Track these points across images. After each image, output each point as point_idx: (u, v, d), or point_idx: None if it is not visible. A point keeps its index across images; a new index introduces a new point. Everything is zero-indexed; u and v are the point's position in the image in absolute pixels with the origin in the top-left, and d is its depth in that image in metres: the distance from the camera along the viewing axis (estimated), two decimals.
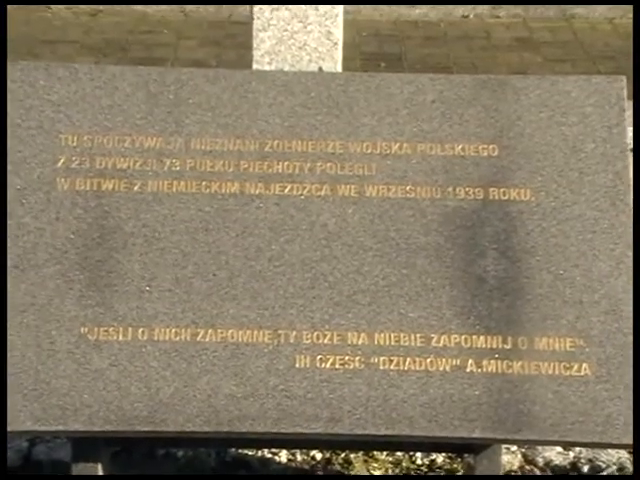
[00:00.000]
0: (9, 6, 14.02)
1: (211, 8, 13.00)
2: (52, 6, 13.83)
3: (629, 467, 5.55)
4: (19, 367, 4.92)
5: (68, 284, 5.01)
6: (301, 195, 5.19)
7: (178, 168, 5.24)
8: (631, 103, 5.87)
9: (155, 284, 5.07)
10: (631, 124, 6.00)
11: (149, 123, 5.33)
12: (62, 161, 5.23)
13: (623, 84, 5.47)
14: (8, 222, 5.17)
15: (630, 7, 13.96)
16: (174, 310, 5.03)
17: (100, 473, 5.13)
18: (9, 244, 5.14)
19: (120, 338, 4.99)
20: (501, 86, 5.63)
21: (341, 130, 5.30)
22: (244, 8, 6.36)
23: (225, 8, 11.54)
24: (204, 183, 5.21)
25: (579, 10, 13.99)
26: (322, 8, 6.15)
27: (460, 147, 5.28)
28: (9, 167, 5.24)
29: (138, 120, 5.34)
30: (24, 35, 12.90)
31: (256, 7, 6.13)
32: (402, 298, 5.04)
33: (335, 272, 5.08)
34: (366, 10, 10.71)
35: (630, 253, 5.16)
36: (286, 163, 5.25)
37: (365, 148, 5.28)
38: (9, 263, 5.06)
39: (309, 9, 6.13)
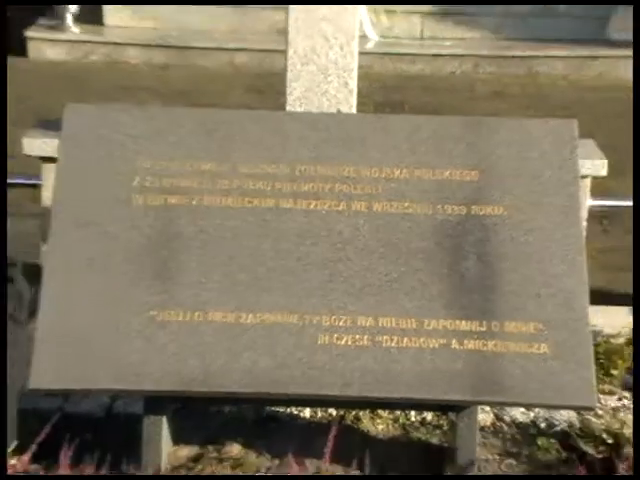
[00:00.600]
0: (98, 60, 14.23)
1: (255, 62, 13.00)
2: (131, 60, 13.78)
3: (577, 424, 5.64)
4: (102, 342, 4.97)
5: (139, 278, 5.10)
6: (322, 209, 5.28)
7: (227, 187, 5.33)
8: (583, 141, 5.90)
9: (208, 277, 5.16)
10: (584, 156, 6.03)
11: (205, 152, 5.42)
12: (137, 181, 5.32)
13: (575, 126, 5.54)
14: (91, 228, 5.24)
15: (580, 63, 14.08)
16: (223, 298, 5.11)
17: (165, 425, 5.18)
18: (91, 247, 5.20)
19: (180, 319, 5.06)
20: (480, 126, 5.70)
21: (354, 159, 5.38)
22: (280, 62, 6.36)
23: (266, 62, 11.55)
24: (247, 199, 5.30)
25: (542, 68, 13.98)
26: (341, 63, 6.19)
27: (448, 173, 5.35)
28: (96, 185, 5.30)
29: (196, 150, 5.42)
30: (109, 83, 12.87)
31: (289, 62, 6.17)
32: (401, 291, 5.12)
33: (348, 270, 5.16)
34: (376, 66, 10.74)
35: (580, 257, 5.23)
36: (311, 184, 5.32)
37: (373, 173, 5.36)
38: (81, 275, 5.10)
39: (330, 64, 6.17)
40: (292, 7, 6.17)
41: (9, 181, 6.67)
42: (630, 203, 8.25)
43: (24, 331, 1.63)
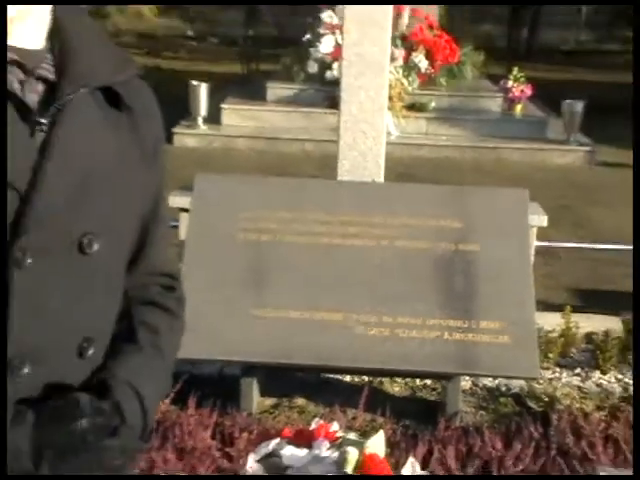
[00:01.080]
0: (218, 147, 14.37)
1: (318, 148, 12.98)
2: (239, 147, 13.84)
3: (525, 388, 5.64)
4: (219, 329, 5.01)
5: (243, 287, 5.13)
6: (362, 245, 5.31)
7: (299, 229, 5.41)
8: (531, 203, 5.90)
9: (287, 288, 5.21)
10: (532, 212, 6.03)
11: (285, 205, 5.49)
12: (240, 224, 5.35)
13: (526, 194, 5.62)
14: (211, 253, 5.30)
15: (530, 152, 14.15)
16: (296, 302, 5.19)
17: (255, 384, 5.19)
18: (211, 266, 5.27)
19: (268, 315, 5.11)
20: (464, 192, 5.82)
21: (382, 211, 5.44)
22: (334, 148, 6.38)
23: (325, 148, 11.48)
24: (314, 238, 5.34)
25: (505, 155, 13.93)
26: (374, 149, 6.20)
27: (443, 221, 5.38)
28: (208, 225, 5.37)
29: (280, 204, 5.48)
30: (225, 161, 12.83)
31: (340, 149, 6.19)
32: (411, 299, 5.18)
33: (377, 285, 5.24)
34: (396, 151, 10.69)
35: (529, 280, 5.28)
36: (353, 228, 5.38)
37: (394, 221, 5.39)
38: (205, 284, 5.16)
39: (366, 150, 6.18)
40: (342, 112, 6.19)
41: None
42: (561, 244, 8.20)
43: (180, 323, 1.61)
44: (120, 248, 1.77)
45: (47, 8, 1.65)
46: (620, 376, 5.87)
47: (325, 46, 14.86)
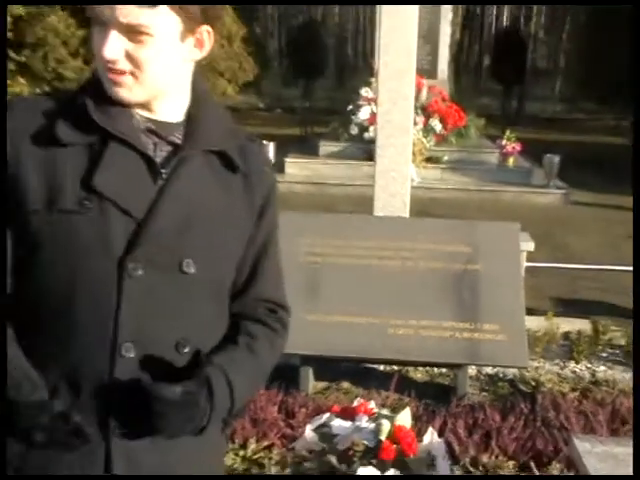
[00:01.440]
0: (281, 192, 14.25)
1: (357, 191, 12.89)
2: (297, 191, 13.76)
3: (517, 375, 5.55)
4: None
5: (302, 299, 5.06)
6: (392, 265, 5.27)
7: (345, 253, 5.36)
8: (522, 233, 5.83)
9: (335, 298, 5.15)
10: (522, 240, 5.96)
11: (334, 234, 5.46)
12: (302, 248, 5.30)
13: (518, 226, 5.55)
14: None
15: (519, 194, 14.08)
16: (342, 308, 5.13)
17: (311, 371, 5.14)
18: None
19: (320, 319, 5.07)
20: (470, 224, 5.72)
21: (409, 239, 5.38)
22: (370, 191, 6.33)
23: (363, 192, 11.39)
24: (355, 260, 5.31)
25: (501, 197, 13.84)
26: (400, 192, 6.19)
27: (454, 247, 5.32)
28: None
29: (330, 233, 5.45)
30: (289, 202, 12.84)
31: (375, 192, 6.17)
32: (430, 306, 5.13)
33: (404, 296, 5.15)
34: (418, 193, 10.60)
35: (520, 291, 5.21)
36: (387, 252, 5.33)
37: (418, 246, 5.32)
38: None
39: (395, 192, 6.16)
40: (377, 164, 6.16)
41: None
42: (544, 264, 8.11)
43: (280, 340, 1.64)
44: (216, 274, 1.77)
45: (187, 90, 1.74)
46: (589, 365, 5.84)
47: (363, 114, 14.96)
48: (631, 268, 8.16)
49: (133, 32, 1.58)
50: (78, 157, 1.62)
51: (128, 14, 1.55)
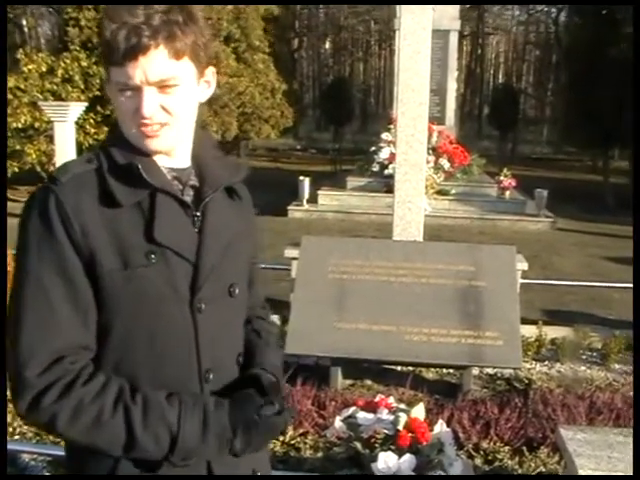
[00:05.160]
0: (314, 219, 14.56)
1: (378, 219, 12.88)
2: (328, 218, 13.80)
3: (513, 374, 5.49)
4: (313, 333, 4.92)
5: (331, 310, 5.03)
6: (408, 282, 5.20)
7: (367, 271, 5.29)
8: (517, 255, 5.76)
9: (359, 309, 5.09)
10: (517, 260, 5.88)
11: (357, 255, 5.39)
12: (330, 268, 5.27)
13: (514, 248, 5.47)
14: (312, 287, 5.19)
15: (515, 222, 13.90)
16: (365, 319, 5.06)
17: (339, 370, 5.11)
18: (311, 295, 5.15)
19: (346, 327, 5.02)
20: (474, 247, 5.62)
21: (420, 260, 5.32)
22: (389, 219, 6.30)
23: (383, 220, 11.35)
24: (377, 277, 5.26)
25: (500, 224, 13.74)
26: (415, 220, 6.16)
27: (461, 266, 5.26)
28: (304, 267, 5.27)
29: (354, 254, 5.38)
30: (319, 228, 12.81)
31: (394, 220, 6.14)
32: (441, 317, 5.04)
33: (417, 307, 5.09)
34: (429, 221, 10.54)
35: (516, 304, 5.11)
36: (401, 270, 5.27)
37: (429, 266, 5.26)
38: (307, 307, 5.04)
39: (412, 220, 6.13)
40: (396, 196, 6.13)
41: (281, 266, 6.74)
42: (535, 281, 8.01)
43: (275, 327, 1.68)
44: (243, 291, 1.76)
45: (190, 140, 1.67)
46: (572, 366, 5.78)
47: (384, 154, 14.92)
48: (607, 284, 8.17)
49: (163, 86, 1.51)
50: (132, 215, 1.56)
51: (158, 70, 1.49)
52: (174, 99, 1.54)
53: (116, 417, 1.49)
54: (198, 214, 1.64)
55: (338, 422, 3.59)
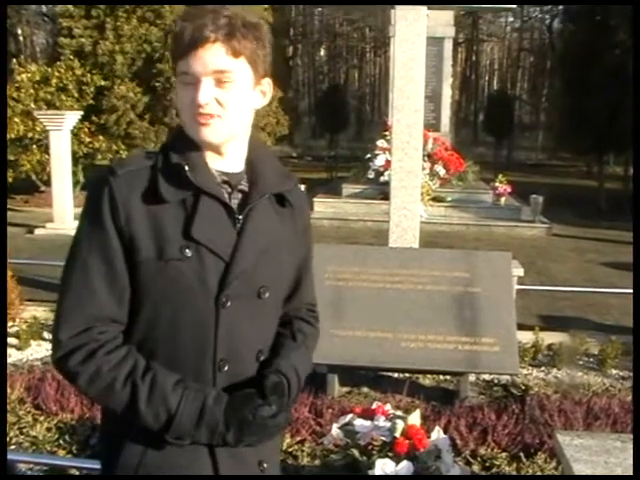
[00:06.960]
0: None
1: (375, 226, 12.88)
2: (325, 225, 13.76)
3: (510, 380, 5.50)
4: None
5: (327, 317, 4.95)
6: (404, 288, 5.20)
7: (363, 278, 5.28)
8: (513, 260, 5.75)
9: (355, 315, 5.09)
10: (513, 266, 5.88)
11: (354, 263, 5.39)
12: (326, 274, 5.27)
13: (510, 254, 5.47)
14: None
15: (511, 228, 13.94)
16: (362, 325, 5.05)
17: (336, 378, 5.11)
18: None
19: (342, 334, 5.01)
20: (469, 253, 5.63)
21: (417, 266, 5.31)
22: (385, 226, 6.29)
23: (379, 226, 11.36)
24: (373, 284, 5.26)
25: (494, 235, 13.69)
26: (412, 226, 6.15)
27: (457, 273, 5.25)
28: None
29: (350, 262, 5.40)
30: (317, 235, 12.85)
31: (390, 227, 6.12)
32: (436, 323, 5.04)
33: (413, 313, 5.09)
34: (425, 227, 10.50)
35: (512, 310, 5.12)
36: (399, 277, 5.26)
37: (425, 272, 5.26)
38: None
39: (407, 227, 6.11)
40: (391, 203, 6.12)
41: None
42: (531, 287, 8.02)
43: (317, 332, 1.78)
44: (278, 295, 1.85)
45: (245, 144, 1.78)
46: (569, 372, 5.77)
47: (379, 161, 14.96)
48: (603, 290, 8.18)
49: (219, 79, 1.64)
50: (176, 211, 1.68)
51: (216, 62, 1.62)
52: (228, 94, 1.65)
53: (125, 390, 1.66)
54: (240, 217, 1.73)
55: (335, 429, 3.59)
